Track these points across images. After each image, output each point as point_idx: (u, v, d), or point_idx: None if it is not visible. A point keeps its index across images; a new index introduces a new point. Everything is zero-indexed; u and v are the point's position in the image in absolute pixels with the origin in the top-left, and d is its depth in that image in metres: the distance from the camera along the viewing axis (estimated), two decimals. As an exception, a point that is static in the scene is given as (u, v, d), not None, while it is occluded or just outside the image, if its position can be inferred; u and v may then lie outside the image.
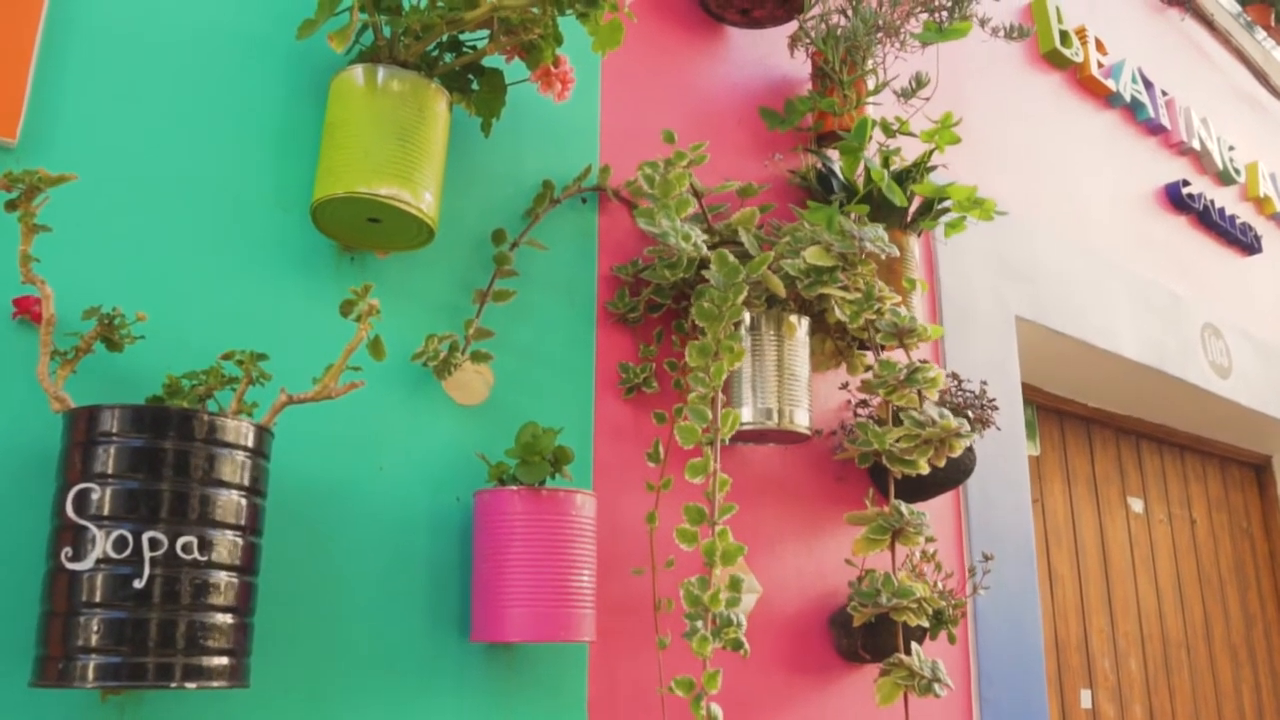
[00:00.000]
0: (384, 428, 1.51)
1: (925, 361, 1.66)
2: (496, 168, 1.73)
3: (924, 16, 2.10)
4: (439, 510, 1.55)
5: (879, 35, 2.06)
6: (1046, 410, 3.36)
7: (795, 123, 2.12)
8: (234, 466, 1.17)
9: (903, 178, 2.04)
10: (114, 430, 1.13)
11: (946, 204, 2.08)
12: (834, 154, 2.26)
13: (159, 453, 1.13)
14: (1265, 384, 3.74)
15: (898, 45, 2.10)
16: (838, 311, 1.77)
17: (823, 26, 2.10)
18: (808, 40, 2.12)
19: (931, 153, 2.11)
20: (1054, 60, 3.14)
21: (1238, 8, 4.72)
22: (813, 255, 1.70)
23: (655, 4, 2.08)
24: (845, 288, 1.71)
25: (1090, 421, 3.55)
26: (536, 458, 1.47)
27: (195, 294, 1.39)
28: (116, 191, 1.35)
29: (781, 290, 1.68)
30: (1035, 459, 3.28)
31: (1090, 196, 3.18)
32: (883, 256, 1.70)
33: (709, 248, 1.81)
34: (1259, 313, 3.92)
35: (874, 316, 1.69)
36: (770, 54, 2.27)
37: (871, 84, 2.08)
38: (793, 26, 2.23)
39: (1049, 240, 2.88)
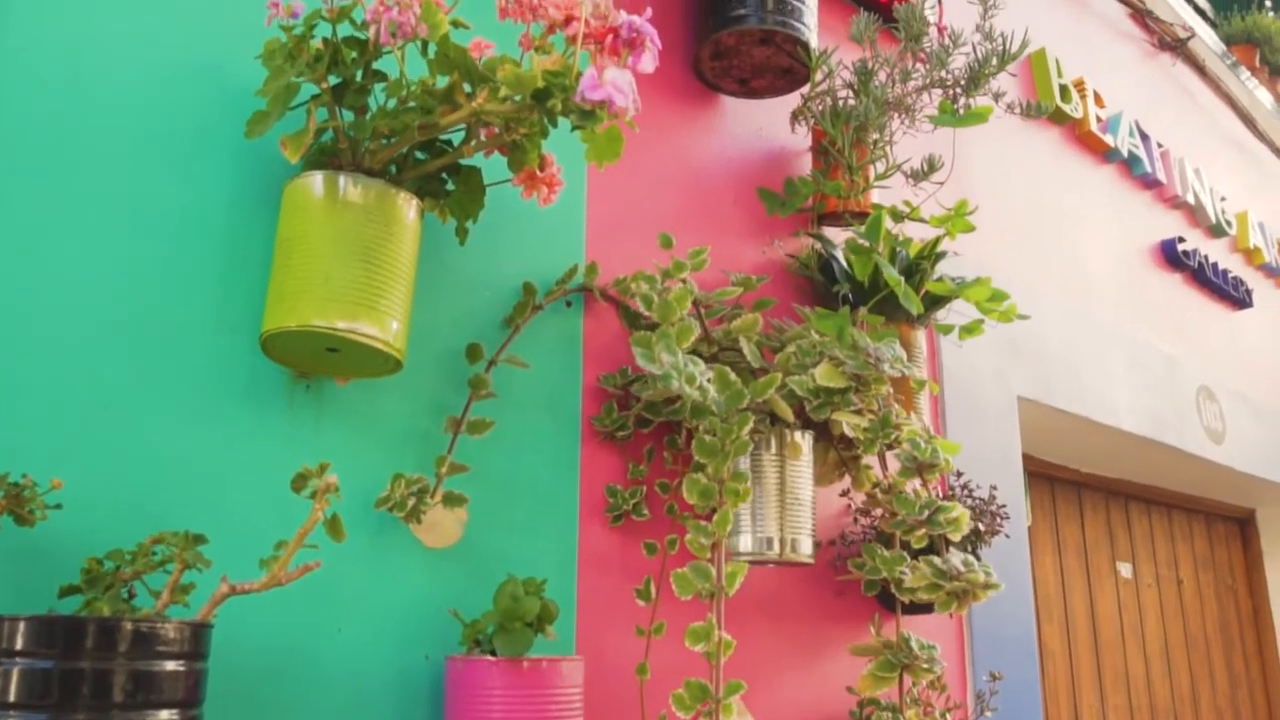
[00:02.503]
0: (343, 582, 1.33)
1: (949, 499, 1.50)
2: (472, 270, 1.55)
3: (936, 93, 1.94)
4: (406, 671, 1.36)
5: (889, 113, 1.90)
6: (1038, 477, 3.23)
7: (797, 206, 1.95)
8: (165, 681, 0.99)
9: (912, 270, 1.89)
10: (17, 647, 0.94)
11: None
12: (836, 235, 2.10)
13: (73, 675, 0.94)
14: (1256, 444, 3.64)
15: (908, 123, 1.94)
16: (846, 429, 1.61)
17: (827, 100, 1.93)
18: (811, 117, 1.96)
19: (941, 238, 1.96)
20: (1054, 116, 3.01)
21: (1223, 47, 4.64)
22: (824, 375, 1.53)
23: (640, 76, 1.90)
24: (859, 411, 1.55)
25: (1081, 486, 3.43)
26: (518, 624, 1.29)
27: (124, 438, 1.19)
28: (29, 317, 1.15)
29: (790, 416, 1.52)
30: (1028, 529, 3.14)
31: (1090, 258, 3.05)
32: (900, 376, 1.54)
33: (706, 358, 1.64)
34: (1249, 369, 3.82)
35: (889, 444, 1.53)
36: (768, 124, 2.10)
37: (880, 166, 1.92)
38: (794, 98, 2.06)
39: (1052, 311, 2.74)
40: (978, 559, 1.67)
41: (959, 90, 1.94)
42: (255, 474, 1.28)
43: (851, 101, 1.95)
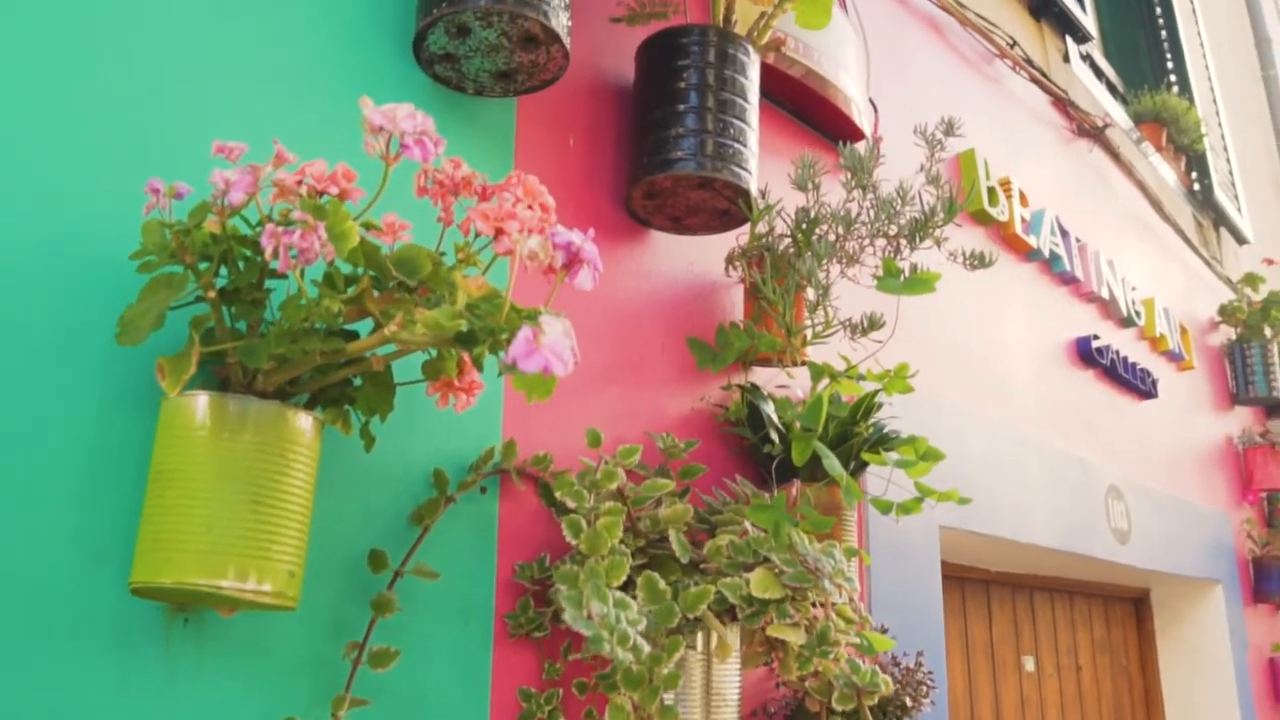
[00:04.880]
0: None
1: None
2: (376, 459, 1.39)
3: (880, 243, 1.84)
4: None
5: (830, 266, 1.80)
6: (949, 579, 3.19)
7: (729, 361, 1.84)
8: None
9: (847, 433, 1.79)
10: None
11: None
12: (768, 374, 2.00)
13: None
14: (1157, 537, 3.68)
15: (850, 276, 1.84)
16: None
17: (765, 252, 1.82)
18: (746, 265, 1.84)
19: (876, 393, 1.87)
20: (981, 219, 2.97)
21: (1131, 123, 4.71)
22: (759, 585, 1.42)
23: (568, 208, 1.77)
24: (796, 624, 1.44)
25: (990, 583, 3.41)
26: None
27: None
28: None
29: (723, 630, 1.40)
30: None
31: (1012, 363, 3.02)
32: (841, 593, 1.44)
33: (633, 551, 1.51)
34: (1152, 460, 3.87)
35: (825, 664, 1.43)
36: (699, 259, 1.98)
37: (820, 319, 1.81)
38: (727, 237, 1.95)
39: (976, 430, 2.69)
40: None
41: (903, 240, 1.85)
42: (123, 730, 1.11)
43: (790, 248, 1.84)
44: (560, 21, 1.52)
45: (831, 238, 1.81)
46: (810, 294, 1.80)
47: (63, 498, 1.11)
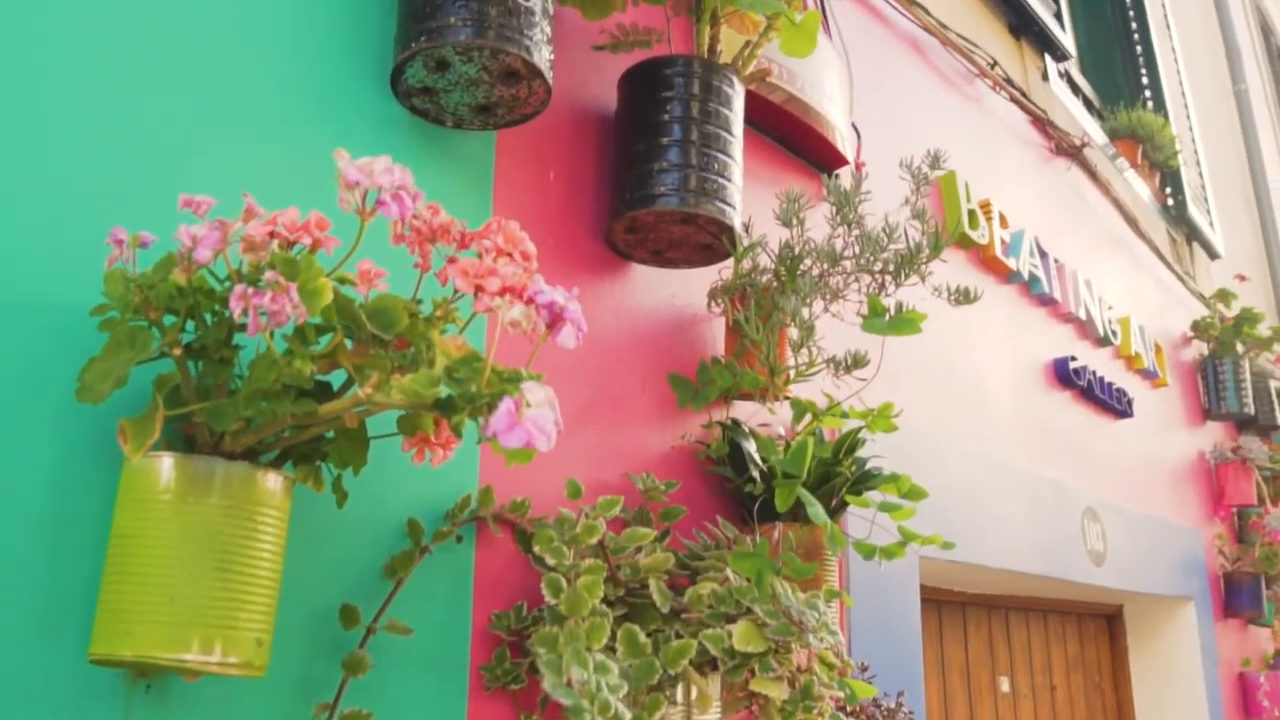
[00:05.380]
0: None
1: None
2: (349, 512, 1.34)
3: (865, 279, 1.82)
4: None
5: (815, 301, 1.78)
6: (927, 603, 3.18)
7: (711, 399, 1.81)
8: None
9: (829, 474, 1.76)
10: None
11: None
12: (749, 408, 1.96)
13: None
14: (1130, 557, 3.68)
15: (834, 312, 1.82)
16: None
17: (748, 289, 1.79)
18: (729, 302, 1.81)
19: (859, 430, 1.84)
20: (962, 243, 2.95)
21: (1106, 139, 4.72)
22: (742, 638, 1.39)
23: (547, 244, 1.73)
24: (779, 678, 1.41)
25: (966, 605, 3.40)
26: None
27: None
28: None
29: (705, 688, 1.36)
30: (914, 657, 3.09)
31: (991, 388, 3.01)
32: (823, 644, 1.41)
33: (611, 601, 1.47)
34: (1127, 479, 3.88)
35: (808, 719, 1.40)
36: (680, 291, 1.94)
37: (804, 358, 1.78)
38: (709, 271, 1.92)
39: (955, 459, 2.68)
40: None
41: (888, 277, 1.82)
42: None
43: (773, 281, 1.81)
44: (542, 56, 1.48)
45: (816, 273, 1.78)
46: (794, 332, 1.77)
47: (17, 562, 1.06)
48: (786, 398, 1.82)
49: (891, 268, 1.80)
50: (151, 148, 1.24)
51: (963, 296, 1.88)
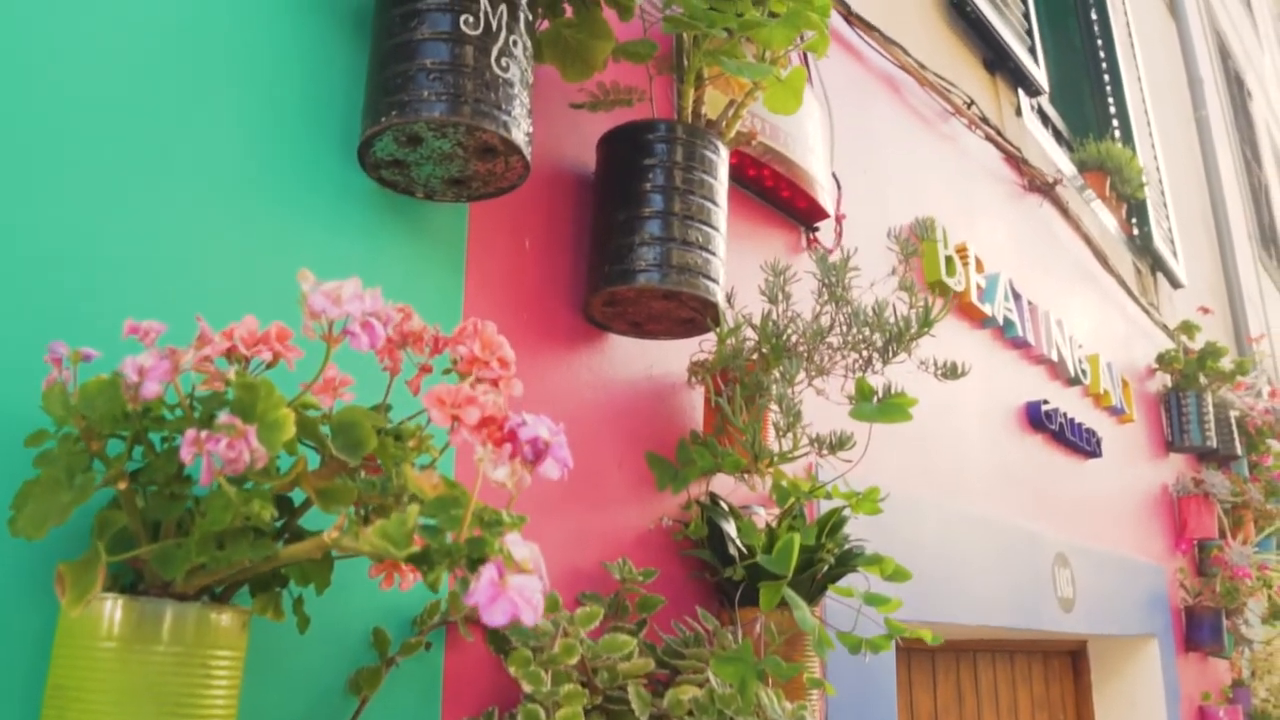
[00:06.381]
0: None
1: None
2: (312, 625, 1.25)
3: (852, 356, 1.75)
4: None
5: (802, 380, 1.71)
6: (897, 651, 3.13)
7: (690, 480, 1.73)
8: None
9: (811, 559, 1.69)
10: None
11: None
12: (728, 486, 1.89)
13: None
14: (1097, 600, 3.66)
15: (815, 388, 1.75)
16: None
17: (730, 357, 1.71)
18: (710, 380, 1.73)
19: (841, 510, 1.78)
20: (939, 290, 2.90)
21: (1074, 170, 4.71)
22: (726, 758, 1.31)
23: (522, 316, 1.64)
24: (764, 798, 1.33)
25: (935, 653, 3.36)
26: None
27: None
28: None
29: (686, 812, 1.29)
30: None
31: (966, 439, 2.96)
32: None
33: (587, 710, 1.39)
34: (1094, 520, 3.86)
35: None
36: (659, 362, 1.86)
37: (788, 443, 1.71)
38: (690, 342, 1.84)
39: (930, 518, 2.62)
40: None
41: (875, 354, 1.75)
42: None
43: (754, 354, 1.74)
44: (521, 131, 1.39)
45: (802, 349, 1.71)
46: (778, 416, 1.69)
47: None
48: (770, 477, 1.75)
49: (879, 344, 1.74)
50: (106, 232, 1.13)
51: (950, 372, 1.82)
